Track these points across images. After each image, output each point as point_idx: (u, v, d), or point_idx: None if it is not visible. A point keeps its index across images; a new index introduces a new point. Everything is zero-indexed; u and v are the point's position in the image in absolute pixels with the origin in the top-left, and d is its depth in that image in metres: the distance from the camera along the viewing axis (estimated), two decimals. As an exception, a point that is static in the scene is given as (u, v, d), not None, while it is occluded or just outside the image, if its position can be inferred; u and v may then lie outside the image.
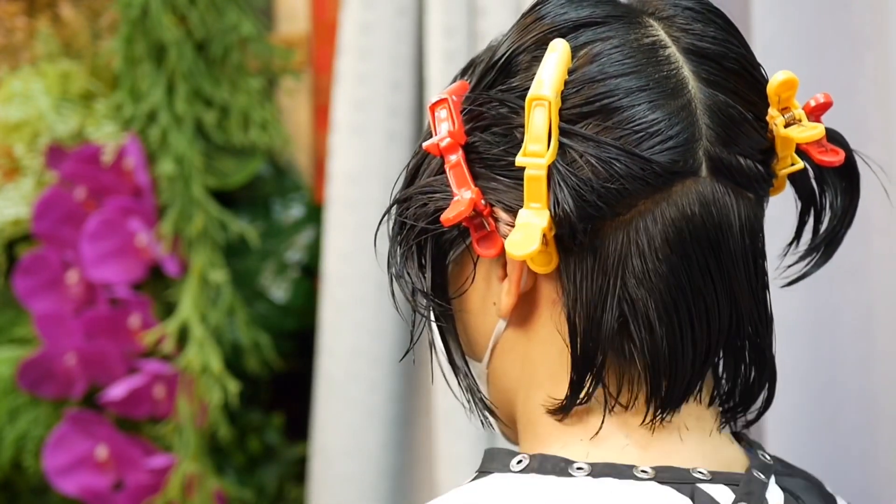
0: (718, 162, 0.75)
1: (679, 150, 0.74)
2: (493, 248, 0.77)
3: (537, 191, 0.73)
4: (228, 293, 1.53)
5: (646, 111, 0.74)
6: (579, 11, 0.77)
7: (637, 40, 0.76)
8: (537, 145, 0.73)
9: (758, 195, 0.78)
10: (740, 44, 0.79)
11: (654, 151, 0.73)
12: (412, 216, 0.80)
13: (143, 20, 1.50)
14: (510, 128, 0.76)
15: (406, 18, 1.50)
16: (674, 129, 0.74)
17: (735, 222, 0.75)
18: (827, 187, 0.83)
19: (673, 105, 0.74)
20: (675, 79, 0.75)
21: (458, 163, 0.77)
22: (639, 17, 0.78)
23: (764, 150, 0.78)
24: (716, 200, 0.75)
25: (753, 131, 0.77)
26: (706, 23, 0.78)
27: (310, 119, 1.72)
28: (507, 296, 0.78)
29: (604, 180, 0.73)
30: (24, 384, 1.53)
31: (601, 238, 0.74)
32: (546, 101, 0.73)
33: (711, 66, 0.76)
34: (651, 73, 0.75)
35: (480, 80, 0.79)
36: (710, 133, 0.75)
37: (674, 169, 0.74)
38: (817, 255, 0.85)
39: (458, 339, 0.84)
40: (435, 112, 0.79)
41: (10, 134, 1.56)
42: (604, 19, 0.77)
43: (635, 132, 0.74)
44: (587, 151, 0.73)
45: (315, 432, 1.55)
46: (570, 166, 0.73)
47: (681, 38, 0.77)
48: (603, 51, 0.75)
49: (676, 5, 0.78)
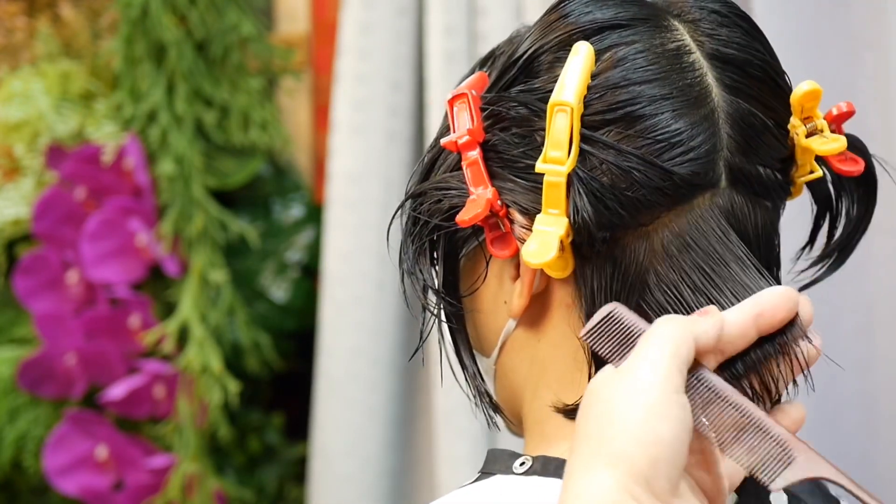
0: (738, 172, 0.74)
1: (700, 161, 0.73)
2: (507, 249, 0.76)
3: (556, 197, 0.72)
4: (228, 293, 1.53)
5: (668, 120, 0.73)
6: (604, 12, 0.76)
7: (662, 45, 0.75)
8: (558, 152, 0.72)
9: (775, 203, 0.77)
10: (765, 50, 0.78)
11: (675, 163, 0.73)
12: (426, 212, 0.79)
13: (143, 20, 1.50)
14: (531, 130, 0.75)
15: (406, 18, 1.50)
16: (696, 141, 0.73)
17: (752, 232, 0.75)
18: (844, 193, 0.83)
19: (696, 115, 0.73)
20: (699, 87, 0.74)
21: (476, 161, 0.76)
22: (664, 20, 0.76)
23: (784, 159, 0.77)
24: (734, 212, 0.74)
25: (774, 140, 0.76)
26: (731, 27, 0.77)
27: (310, 119, 1.72)
28: (519, 297, 0.77)
29: (624, 189, 0.72)
30: (24, 384, 1.53)
31: (621, 247, 0.73)
32: (568, 107, 0.72)
33: (735, 73, 0.75)
34: (675, 80, 0.74)
35: (501, 76, 0.78)
36: (731, 142, 0.74)
37: (694, 182, 0.73)
38: (830, 260, 0.84)
39: (468, 335, 0.84)
40: (454, 106, 0.78)
41: (10, 134, 1.56)
42: (629, 22, 0.75)
43: (657, 142, 0.73)
44: (607, 159, 0.72)
45: (315, 432, 1.55)
46: (591, 173, 0.72)
47: (705, 44, 0.76)
48: (627, 56, 0.74)
49: (703, 8, 0.77)
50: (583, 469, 0.62)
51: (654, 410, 0.62)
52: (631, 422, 0.62)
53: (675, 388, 0.63)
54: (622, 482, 0.61)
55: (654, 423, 0.61)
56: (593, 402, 0.64)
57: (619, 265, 0.74)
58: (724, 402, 0.66)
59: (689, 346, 0.65)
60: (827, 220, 0.84)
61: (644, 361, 0.64)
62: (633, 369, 0.64)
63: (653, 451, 0.61)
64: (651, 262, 0.73)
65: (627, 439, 0.61)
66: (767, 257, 0.77)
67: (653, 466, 0.61)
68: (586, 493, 0.61)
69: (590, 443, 0.63)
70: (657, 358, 0.64)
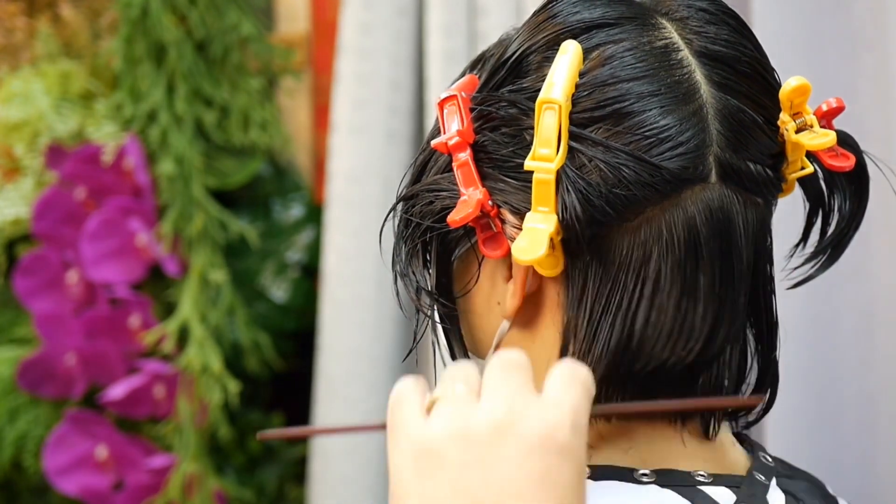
0: (728, 167, 0.74)
1: (689, 156, 0.73)
2: (499, 249, 0.76)
3: (545, 195, 0.73)
4: (228, 293, 1.53)
5: (657, 116, 0.73)
6: (592, 11, 0.76)
7: (650, 43, 0.75)
8: (546, 149, 0.72)
9: (766, 200, 0.77)
10: (754, 47, 0.78)
11: (663, 158, 0.73)
12: (418, 214, 0.79)
13: (143, 20, 1.50)
14: (520, 129, 0.75)
15: (406, 18, 1.50)
16: (684, 136, 0.73)
17: (742, 228, 0.75)
18: (836, 190, 0.83)
19: (684, 110, 0.74)
20: (688, 83, 0.74)
21: (466, 162, 0.76)
22: (652, 19, 0.77)
23: (774, 155, 0.77)
24: (724, 207, 0.74)
25: (764, 136, 0.76)
26: (719, 25, 0.77)
27: (310, 119, 1.72)
28: (512, 298, 0.77)
29: (612, 185, 0.72)
30: (24, 384, 1.53)
31: (608, 244, 0.74)
32: (556, 104, 0.72)
33: (724, 70, 0.75)
34: (663, 77, 0.74)
35: (490, 77, 0.79)
36: (721, 138, 0.74)
37: (683, 176, 0.73)
38: (823, 257, 0.84)
39: (462, 336, 0.84)
40: (444, 109, 0.79)
41: (10, 134, 1.56)
42: (616, 21, 0.76)
43: (646, 137, 0.73)
44: (596, 156, 0.73)
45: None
46: (579, 171, 0.73)
47: (693, 41, 0.76)
48: (615, 53, 0.75)
49: (690, 6, 0.78)
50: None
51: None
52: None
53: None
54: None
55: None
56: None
57: (605, 262, 0.74)
58: None
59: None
60: (820, 217, 0.84)
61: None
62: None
63: None
64: (636, 257, 0.73)
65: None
66: (759, 254, 0.77)
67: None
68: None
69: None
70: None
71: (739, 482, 0.78)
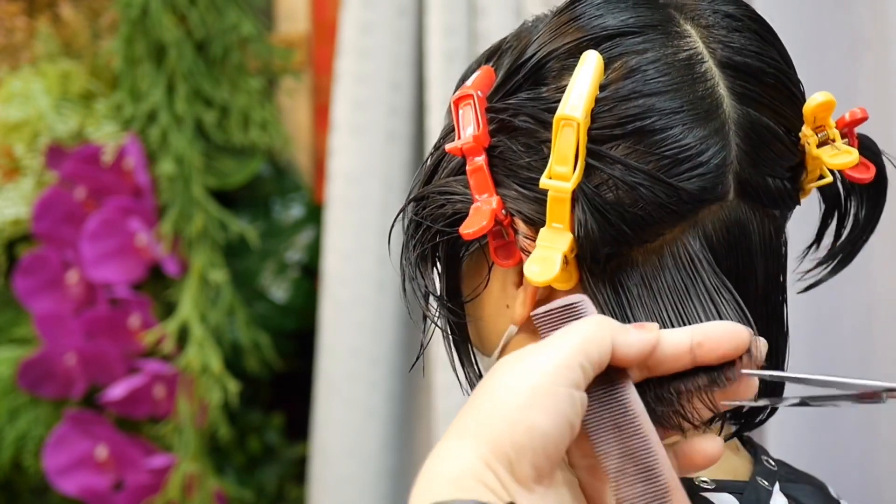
0: (747, 184, 0.73)
1: (709, 176, 0.72)
2: (511, 258, 0.75)
3: (560, 212, 0.71)
4: (228, 293, 1.53)
5: (678, 135, 0.71)
6: (616, 16, 0.74)
7: (674, 54, 0.73)
8: (563, 167, 0.70)
9: (782, 211, 0.76)
10: (780, 57, 0.76)
11: (682, 178, 0.71)
12: (429, 216, 0.78)
13: (143, 20, 1.50)
14: (538, 141, 0.74)
15: (406, 18, 1.50)
16: (705, 155, 0.72)
17: (758, 242, 0.74)
18: (853, 193, 0.82)
19: (707, 128, 0.72)
20: (710, 98, 0.73)
21: (481, 167, 0.75)
22: (677, 26, 0.75)
23: (793, 167, 0.76)
24: (740, 223, 0.73)
25: (784, 148, 0.75)
26: (745, 32, 0.75)
27: (310, 119, 1.72)
28: (522, 306, 0.76)
29: (629, 205, 0.71)
30: (24, 384, 1.53)
31: (624, 263, 0.72)
32: (575, 122, 0.70)
33: (747, 81, 0.74)
34: (686, 92, 0.72)
35: (508, 78, 0.76)
36: (741, 154, 0.73)
37: (702, 196, 0.72)
38: (834, 262, 0.83)
39: (469, 343, 0.83)
40: (459, 108, 0.77)
41: (10, 134, 1.56)
42: (641, 29, 0.74)
43: (665, 157, 0.71)
44: (614, 174, 0.71)
45: (315, 432, 1.55)
46: (597, 188, 0.71)
47: (717, 51, 0.74)
48: (638, 66, 0.73)
49: (716, 11, 0.76)
50: (452, 436, 0.62)
51: (536, 398, 0.60)
52: (509, 404, 0.60)
53: (568, 382, 0.61)
54: (483, 455, 0.60)
55: (532, 411, 0.60)
56: (488, 377, 0.63)
57: (622, 281, 0.72)
58: (630, 425, 0.63)
59: (603, 347, 0.62)
60: (835, 219, 0.83)
61: (546, 348, 0.62)
62: (533, 353, 0.62)
63: (521, 436, 0.60)
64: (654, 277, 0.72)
65: (500, 419, 0.60)
66: (773, 266, 0.76)
67: (518, 451, 0.60)
68: (446, 455, 0.61)
69: (468, 414, 0.62)
70: (559, 347, 0.62)
71: (742, 488, 0.77)
